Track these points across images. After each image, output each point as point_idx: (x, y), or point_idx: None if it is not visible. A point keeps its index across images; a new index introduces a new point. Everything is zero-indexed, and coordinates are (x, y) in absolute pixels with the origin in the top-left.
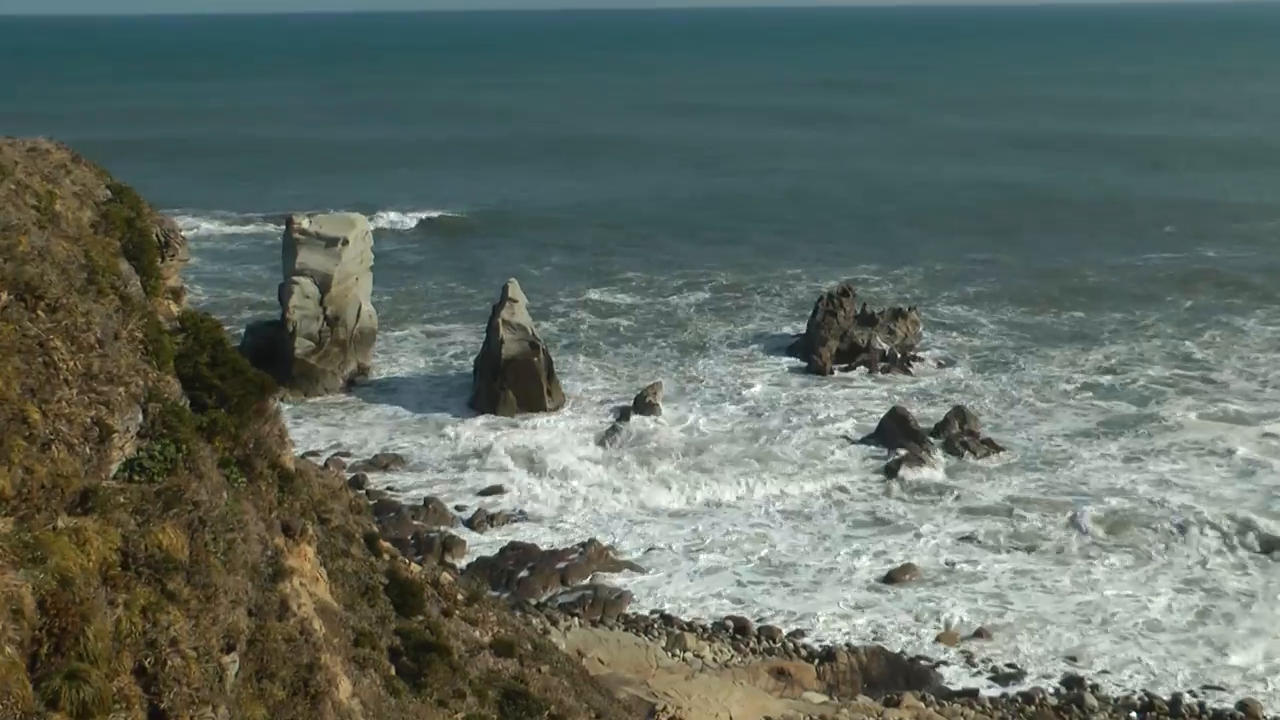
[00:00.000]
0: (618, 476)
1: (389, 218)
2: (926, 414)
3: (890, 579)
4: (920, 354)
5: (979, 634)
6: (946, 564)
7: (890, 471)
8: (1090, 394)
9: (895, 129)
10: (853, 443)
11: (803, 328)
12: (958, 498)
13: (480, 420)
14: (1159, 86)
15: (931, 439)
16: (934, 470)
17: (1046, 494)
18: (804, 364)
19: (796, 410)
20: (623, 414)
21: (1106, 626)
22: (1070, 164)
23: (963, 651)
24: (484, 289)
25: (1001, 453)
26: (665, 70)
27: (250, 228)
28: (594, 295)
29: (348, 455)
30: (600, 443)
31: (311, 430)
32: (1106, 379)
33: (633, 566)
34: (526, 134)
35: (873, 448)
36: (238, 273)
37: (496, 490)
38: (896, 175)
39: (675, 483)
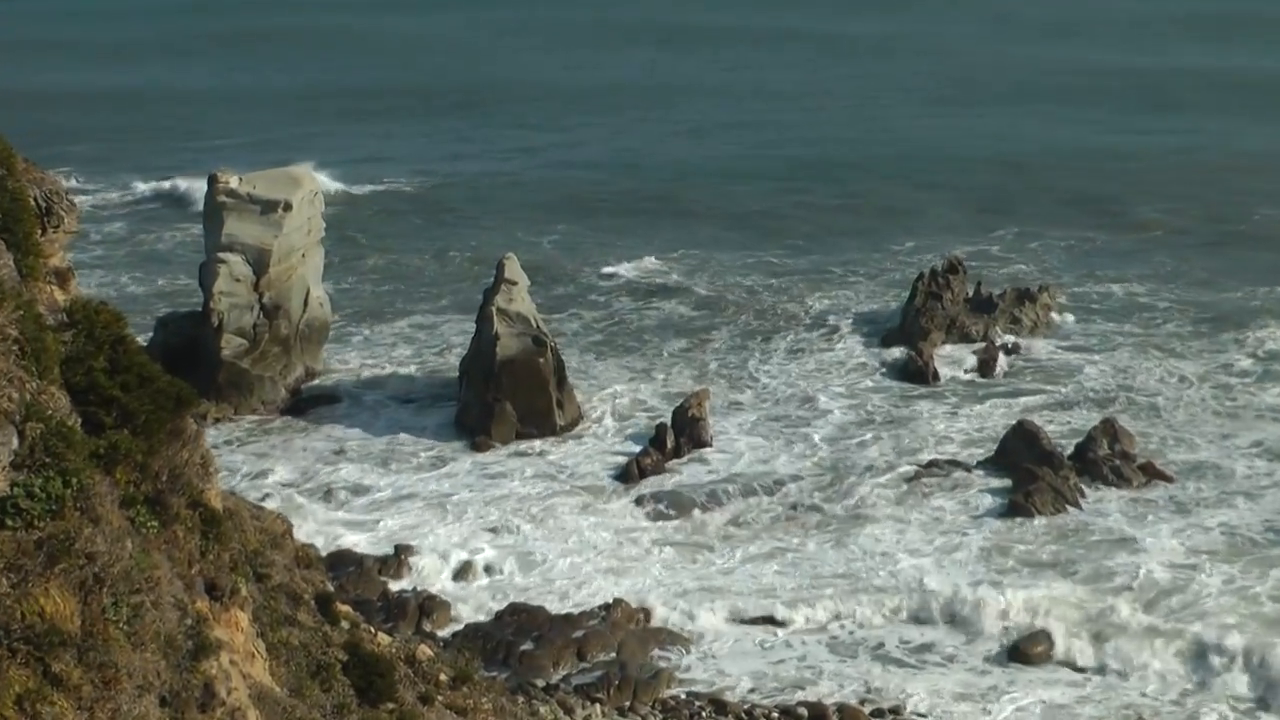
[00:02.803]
0: (645, 555)
1: (333, 184)
2: (1064, 428)
3: (1018, 654)
4: (1055, 347)
5: None
6: (1092, 638)
7: (1016, 509)
8: None
9: (976, 60)
10: (965, 469)
11: (897, 315)
12: (1105, 545)
13: (461, 446)
14: None
15: (1070, 463)
16: (1073, 506)
17: (1226, 542)
18: (900, 360)
19: (889, 424)
20: (656, 436)
21: None
22: (1224, 108)
23: None
24: (472, 269)
25: (1164, 482)
26: None
27: (160, 186)
28: (617, 275)
29: (293, 489)
30: (620, 476)
31: (245, 457)
32: None
33: (672, 635)
34: (483, 77)
35: (991, 477)
36: (144, 248)
37: (493, 531)
38: (994, 125)
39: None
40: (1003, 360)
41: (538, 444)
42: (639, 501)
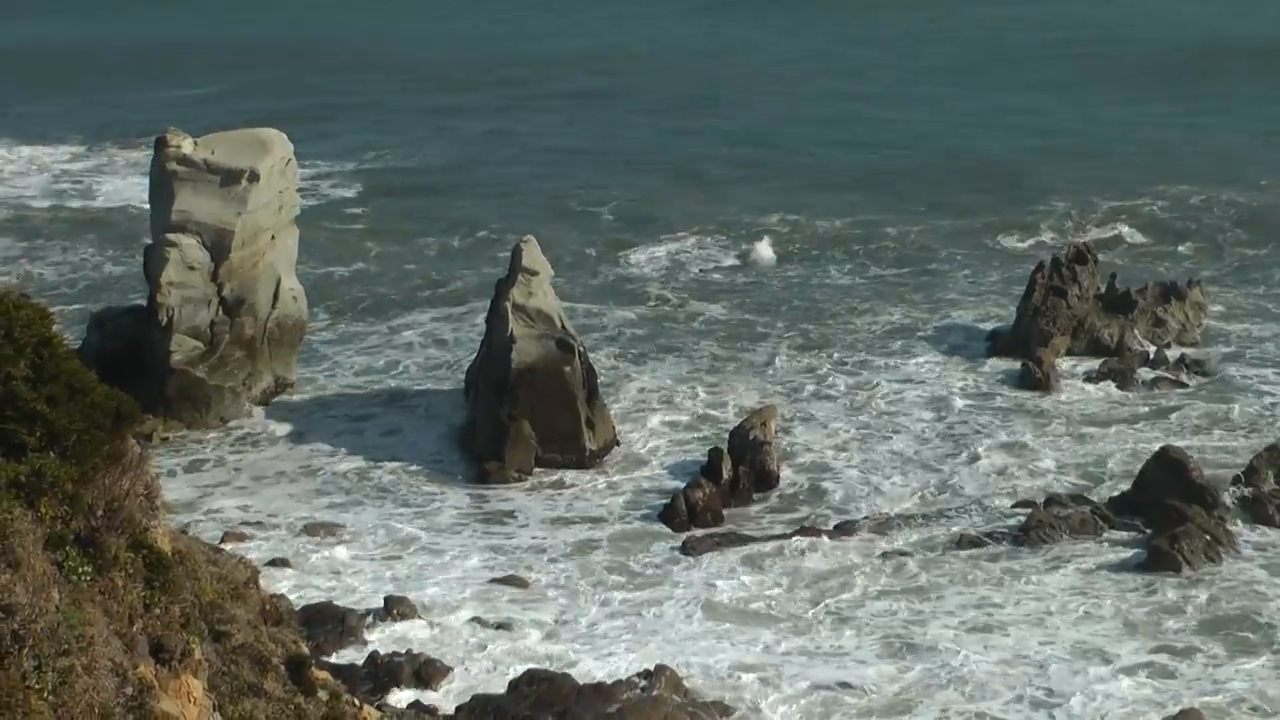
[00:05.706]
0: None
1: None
2: (1218, 457)
3: None
4: (1209, 357)
5: None
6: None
7: (1159, 558)
8: None
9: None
10: (1093, 510)
11: (1011, 314)
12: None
13: (467, 475)
14: None
15: (1229, 503)
16: (1236, 556)
17: None
18: (1014, 371)
19: (999, 451)
20: (710, 464)
21: None
22: None
23: None
24: (482, 259)
25: None
26: None
27: (94, 159)
28: (660, 263)
29: (259, 528)
30: (665, 516)
31: (199, 487)
32: None
33: (726, 708)
34: (493, 36)
35: (1127, 517)
36: (75, 231)
37: (505, 580)
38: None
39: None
40: (1142, 372)
41: (562, 473)
42: (687, 548)
